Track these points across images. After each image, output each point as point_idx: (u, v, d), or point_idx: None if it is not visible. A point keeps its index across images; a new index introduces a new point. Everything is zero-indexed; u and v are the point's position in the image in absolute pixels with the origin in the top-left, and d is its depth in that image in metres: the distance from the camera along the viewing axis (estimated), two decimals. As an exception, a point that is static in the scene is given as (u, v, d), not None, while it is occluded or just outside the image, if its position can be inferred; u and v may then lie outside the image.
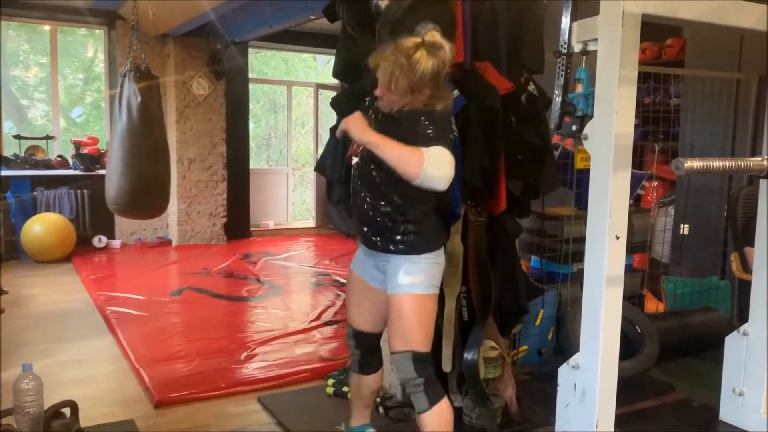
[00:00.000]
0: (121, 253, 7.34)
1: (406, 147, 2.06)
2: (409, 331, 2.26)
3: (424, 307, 2.29)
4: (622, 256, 2.49)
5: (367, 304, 2.50)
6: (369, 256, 2.44)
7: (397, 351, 2.28)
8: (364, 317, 2.53)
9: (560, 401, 2.70)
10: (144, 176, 3.79)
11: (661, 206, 5.20)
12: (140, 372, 3.73)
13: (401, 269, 2.26)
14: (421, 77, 2.14)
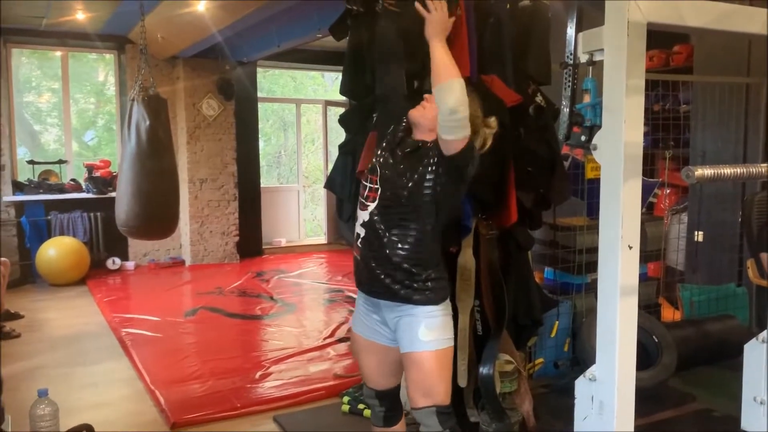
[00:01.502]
0: (134, 275, 7.38)
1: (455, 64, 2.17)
2: (432, 386, 2.21)
3: (445, 360, 2.24)
4: (636, 265, 2.46)
5: (379, 363, 2.39)
6: (373, 312, 2.33)
7: (420, 407, 2.22)
8: (381, 377, 2.41)
9: (578, 414, 2.66)
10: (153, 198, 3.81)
11: (675, 213, 5.15)
12: (155, 394, 3.74)
13: (421, 324, 2.18)
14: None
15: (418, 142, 2.30)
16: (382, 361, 2.37)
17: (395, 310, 2.23)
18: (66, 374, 4.13)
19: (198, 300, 6.13)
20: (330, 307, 5.97)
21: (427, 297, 2.20)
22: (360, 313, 2.40)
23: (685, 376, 3.79)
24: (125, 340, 4.77)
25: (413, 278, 2.18)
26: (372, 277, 2.23)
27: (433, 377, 2.20)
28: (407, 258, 2.18)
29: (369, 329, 2.35)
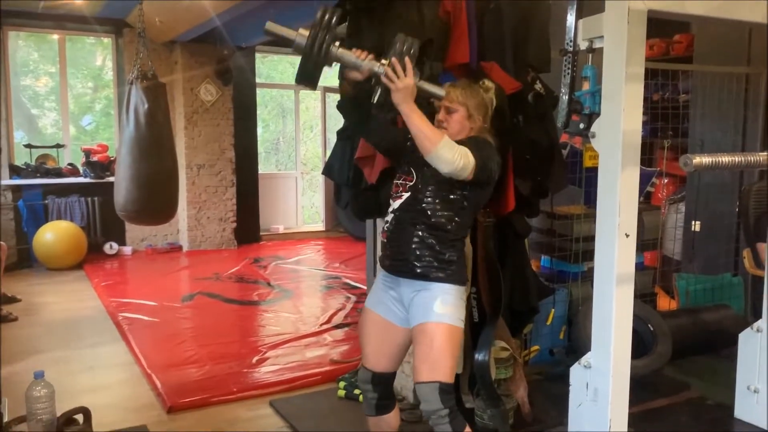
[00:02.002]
0: (132, 260, 7.38)
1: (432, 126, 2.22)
2: (438, 360, 2.23)
3: (454, 338, 2.28)
4: (632, 254, 2.48)
5: (385, 343, 2.42)
6: (391, 288, 2.39)
7: (423, 381, 2.24)
8: (382, 357, 2.43)
9: (573, 401, 2.68)
10: (152, 183, 3.80)
11: (672, 203, 5.16)
12: (152, 378, 3.75)
13: (438, 299, 2.25)
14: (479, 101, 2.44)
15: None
16: (386, 341, 2.40)
17: (414, 285, 2.30)
18: (63, 358, 4.14)
19: (195, 285, 6.14)
20: (327, 294, 5.99)
21: (447, 275, 2.29)
22: (378, 289, 2.45)
23: (680, 364, 3.81)
24: (122, 325, 4.78)
25: (436, 257, 2.28)
26: (396, 255, 2.33)
27: (442, 351, 2.23)
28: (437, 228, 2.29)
29: (383, 306, 2.40)
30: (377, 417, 2.48)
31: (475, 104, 2.42)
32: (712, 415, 3.26)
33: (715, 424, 3.16)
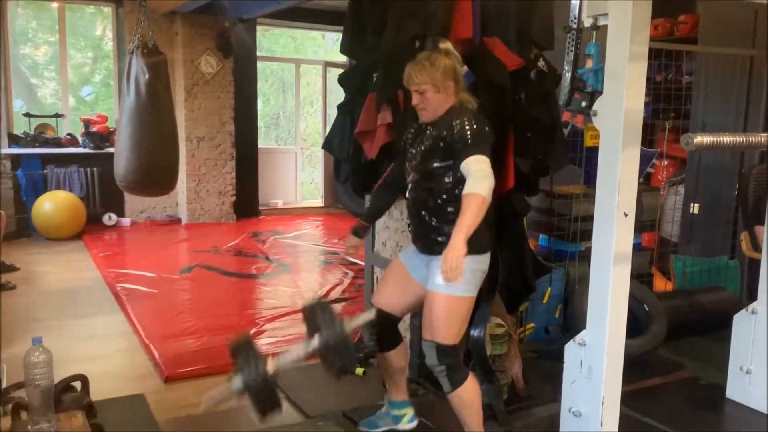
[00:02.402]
0: (130, 231, 7.39)
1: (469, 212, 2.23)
2: (435, 326, 2.44)
3: (456, 307, 2.43)
4: (631, 233, 2.48)
5: (401, 289, 2.63)
6: (418, 253, 2.61)
7: (424, 339, 2.48)
8: (392, 299, 2.64)
9: (567, 378, 2.70)
10: (153, 153, 3.79)
11: (671, 185, 5.16)
12: (150, 348, 3.77)
13: (440, 270, 2.31)
14: (444, 70, 2.44)
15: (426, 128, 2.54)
16: (402, 288, 2.62)
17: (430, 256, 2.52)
18: (61, 326, 4.17)
19: (194, 258, 6.15)
20: (325, 269, 6.00)
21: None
22: (409, 249, 2.67)
23: (674, 345, 3.84)
24: (120, 295, 4.80)
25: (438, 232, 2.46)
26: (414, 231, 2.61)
27: (439, 318, 2.43)
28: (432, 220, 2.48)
29: (411, 261, 2.62)
30: (381, 354, 2.73)
31: (440, 75, 2.44)
32: (704, 395, 3.30)
33: (707, 404, 3.19)
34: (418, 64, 2.45)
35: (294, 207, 9.19)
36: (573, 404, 2.67)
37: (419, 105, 2.48)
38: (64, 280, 5.35)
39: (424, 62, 2.45)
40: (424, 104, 2.47)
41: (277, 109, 11.57)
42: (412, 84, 2.45)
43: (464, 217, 2.22)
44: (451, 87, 2.46)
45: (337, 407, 3.07)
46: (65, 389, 2.69)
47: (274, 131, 11.42)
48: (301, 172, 9.77)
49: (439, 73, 2.43)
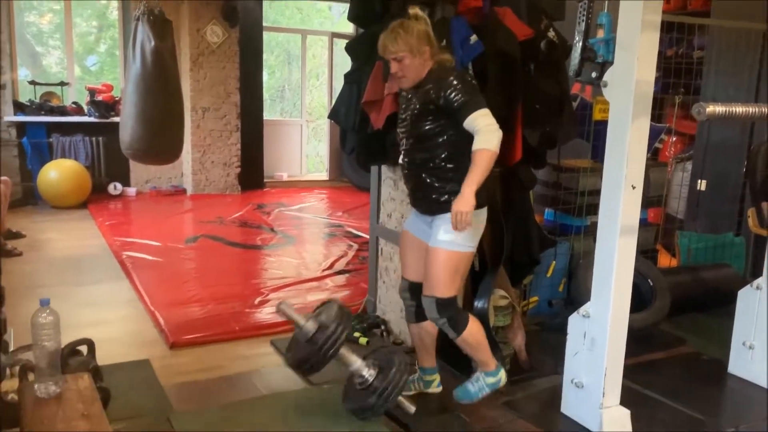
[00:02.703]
0: (136, 201, 7.40)
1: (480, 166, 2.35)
2: (435, 280, 2.52)
3: (454, 262, 2.52)
4: (638, 206, 2.47)
5: (418, 257, 2.67)
6: (420, 216, 2.68)
7: (425, 295, 2.58)
8: (417, 269, 2.68)
9: (569, 349, 2.71)
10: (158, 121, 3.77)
11: (679, 161, 5.13)
12: (155, 315, 3.80)
13: (441, 227, 2.50)
14: (418, 35, 2.48)
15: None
16: (420, 255, 2.66)
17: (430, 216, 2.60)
18: (67, 293, 4.19)
19: (199, 228, 6.17)
20: (330, 241, 6.01)
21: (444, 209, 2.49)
22: (413, 215, 2.75)
23: (677, 320, 3.85)
24: (126, 263, 4.82)
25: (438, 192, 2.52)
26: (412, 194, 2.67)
27: (439, 274, 2.51)
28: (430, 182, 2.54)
29: (418, 228, 2.70)
30: (417, 324, 2.77)
31: (415, 41, 2.47)
32: (705, 370, 3.31)
33: (708, 378, 3.21)
34: (392, 33, 2.49)
35: (299, 180, 9.18)
36: (575, 375, 2.68)
37: (399, 73, 2.52)
38: (69, 248, 5.37)
39: (398, 30, 2.48)
40: (404, 71, 2.51)
41: (282, 82, 11.49)
42: (389, 53, 2.50)
43: (475, 171, 2.35)
44: (426, 51, 2.50)
45: (341, 375, 3.08)
46: (72, 353, 2.73)
47: (279, 104, 11.36)
48: (306, 145, 9.74)
49: (413, 38, 2.47)
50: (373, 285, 3.85)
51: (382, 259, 3.76)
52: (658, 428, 2.56)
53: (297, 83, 10.21)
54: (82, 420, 1.85)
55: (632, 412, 2.56)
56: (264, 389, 3.00)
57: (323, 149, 9.87)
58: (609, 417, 2.53)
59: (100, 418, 1.87)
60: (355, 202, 7.70)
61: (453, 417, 2.74)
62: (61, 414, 1.88)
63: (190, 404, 2.80)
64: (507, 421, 2.73)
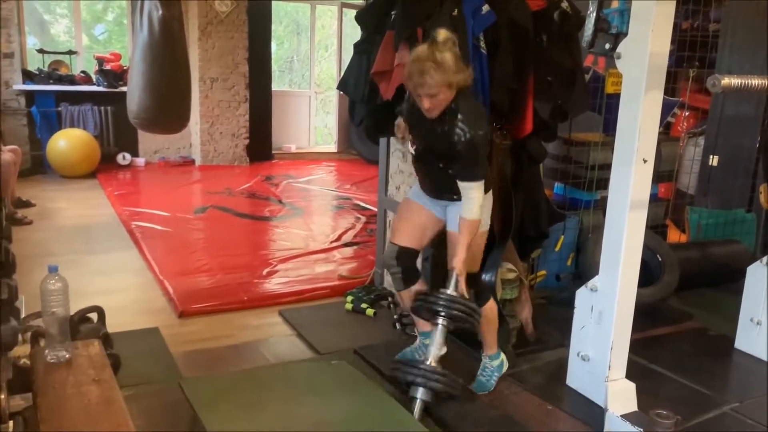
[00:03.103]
0: (144, 171, 7.41)
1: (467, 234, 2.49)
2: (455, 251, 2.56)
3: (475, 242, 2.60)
4: (649, 179, 2.45)
5: (417, 224, 2.72)
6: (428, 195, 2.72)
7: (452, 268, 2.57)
8: (411, 234, 2.72)
9: (576, 323, 2.72)
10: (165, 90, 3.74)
11: (691, 136, 5.07)
12: (164, 284, 3.82)
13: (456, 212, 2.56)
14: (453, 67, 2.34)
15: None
16: (419, 223, 2.72)
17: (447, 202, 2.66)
18: (76, 261, 4.23)
19: (207, 199, 6.18)
20: (337, 214, 6.02)
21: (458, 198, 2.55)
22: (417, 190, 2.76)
23: (685, 296, 3.84)
24: (135, 233, 4.85)
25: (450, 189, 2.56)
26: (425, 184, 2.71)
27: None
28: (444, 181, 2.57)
29: (423, 198, 2.72)
30: (408, 290, 2.76)
31: (452, 75, 2.34)
32: (712, 345, 3.31)
33: (715, 353, 3.21)
34: (427, 70, 2.29)
35: (307, 152, 9.15)
36: (581, 348, 2.69)
37: (431, 108, 2.38)
38: (79, 217, 5.40)
39: (431, 65, 2.30)
40: (435, 106, 2.38)
41: (291, 53, 11.41)
42: (426, 91, 2.33)
43: (466, 238, 2.48)
44: (459, 79, 2.36)
45: (349, 345, 3.11)
46: (82, 320, 2.75)
47: (288, 75, 11.30)
48: (315, 117, 9.70)
49: (450, 73, 2.32)
50: (381, 257, 3.85)
51: (390, 232, 3.76)
52: (663, 402, 2.56)
53: (306, 54, 10.14)
54: (93, 385, 1.88)
55: (637, 385, 2.57)
56: (272, 358, 3.03)
57: (332, 121, 9.83)
58: (614, 390, 2.54)
59: (110, 383, 1.90)
60: (363, 174, 7.68)
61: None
62: (72, 379, 1.91)
63: (199, 372, 2.83)
64: (512, 392, 2.75)
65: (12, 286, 2.48)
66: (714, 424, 2.58)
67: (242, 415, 2.20)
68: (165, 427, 2.36)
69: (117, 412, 1.74)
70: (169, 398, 2.49)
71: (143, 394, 2.59)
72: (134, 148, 7.58)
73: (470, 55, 2.93)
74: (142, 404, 2.50)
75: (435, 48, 2.34)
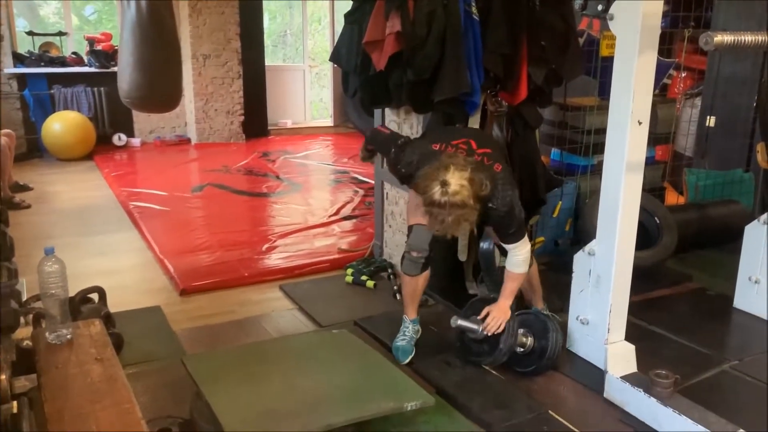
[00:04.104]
0: (141, 151, 7.38)
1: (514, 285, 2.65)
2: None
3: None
4: (644, 142, 2.44)
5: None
6: None
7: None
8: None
9: (575, 287, 2.73)
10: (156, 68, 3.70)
11: (688, 98, 5.04)
12: (164, 262, 3.83)
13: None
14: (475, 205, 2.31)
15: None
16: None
17: None
18: (76, 243, 4.23)
19: (205, 177, 6.17)
20: (336, 188, 6.01)
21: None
22: None
23: (684, 257, 3.86)
24: (134, 213, 4.85)
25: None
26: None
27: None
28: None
29: None
30: (416, 278, 2.73)
31: (477, 211, 2.32)
32: (711, 305, 3.33)
33: (714, 313, 3.23)
34: (453, 223, 2.28)
35: (303, 126, 9.11)
36: (580, 312, 2.71)
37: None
38: (77, 199, 5.40)
39: (457, 217, 2.27)
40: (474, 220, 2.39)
41: (284, 26, 11.27)
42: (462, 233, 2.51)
43: (513, 289, 2.63)
44: (480, 196, 2.32)
45: (349, 317, 3.13)
46: (83, 300, 2.77)
47: (282, 49, 11.17)
48: (310, 91, 9.62)
49: (476, 212, 2.31)
50: (380, 229, 3.86)
51: (388, 204, 3.76)
52: (662, 362, 2.59)
53: (299, 27, 10.02)
54: (96, 364, 1.90)
55: (637, 347, 2.59)
56: (274, 332, 3.05)
57: (327, 95, 9.76)
58: (613, 352, 2.56)
59: (112, 361, 1.92)
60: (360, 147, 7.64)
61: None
62: (74, 359, 1.93)
63: (201, 348, 2.85)
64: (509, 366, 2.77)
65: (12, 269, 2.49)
66: (713, 382, 2.61)
67: (245, 388, 2.23)
68: (169, 403, 2.39)
69: (120, 389, 1.75)
70: (173, 375, 2.52)
71: (147, 371, 2.61)
72: (130, 129, 7.55)
73: (462, 22, 2.90)
74: (146, 381, 2.52)
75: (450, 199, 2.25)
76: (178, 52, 3.88)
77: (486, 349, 2.64)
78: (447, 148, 2.50)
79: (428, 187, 2.28)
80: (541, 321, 2.70)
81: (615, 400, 2.44)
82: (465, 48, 2.92)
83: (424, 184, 2.31)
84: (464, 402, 2.43)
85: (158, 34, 3.69)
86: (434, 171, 2.30)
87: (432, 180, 2.27)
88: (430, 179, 2.28)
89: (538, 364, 2.64)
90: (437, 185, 2.25)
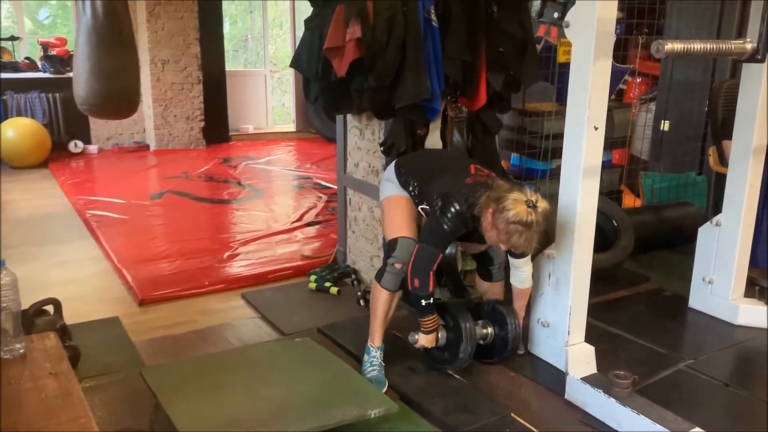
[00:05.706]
0: (98, 158, 7.23)
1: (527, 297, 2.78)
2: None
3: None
4: (600, 146, 2.49)
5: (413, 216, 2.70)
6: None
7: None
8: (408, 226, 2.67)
9: (535, 290, 2.77)
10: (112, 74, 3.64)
11: (643, 102, 5.16)
12: (123, 272, 3.76)
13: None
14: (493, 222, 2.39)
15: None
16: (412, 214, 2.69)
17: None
18: (33, 253, 4.12)
19: (164, 184, 6.07)
20: (299, 194, 5.98)
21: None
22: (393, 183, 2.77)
23: (641, 259, 3.94)
24: (91, 222, 4.74)
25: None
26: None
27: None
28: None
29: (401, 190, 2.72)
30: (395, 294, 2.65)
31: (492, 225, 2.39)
32: (667, 305, 3.41)
33: (670, 313, 3.31)
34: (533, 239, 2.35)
35: (265, 132, 9.04)
36: (541, 315, 2.75)
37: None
38: (32, 208, 5.26)
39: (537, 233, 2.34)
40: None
41: (244, 31, 11.18)
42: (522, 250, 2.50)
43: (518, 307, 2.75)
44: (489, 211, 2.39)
45: (313, 324, 3.12)
46: (38, 313, 2.69)
47: (243, 54, 11.08)
48: (272, 96, 9.56)
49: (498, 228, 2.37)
50: (343, 235, 3.85)
51: (351, 209, 3.75)
52: (621, 363, 2.64)
53: (260, 32, 9.96)
54: (50, 378, 1.84)
55: (597, 348, 2.64)
56: (236, 341, 3.02)
57: (289, 100, 9.71)
58: (574, 354, 2.60)
59: (68, 375, 1.86)
60: (323, 153, 7.63)
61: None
62: (28, 373, 1.87)
63: (162, 359, 2.80)
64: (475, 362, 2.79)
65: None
66: (670, 381, 2.66)
67: (206, 399, 2.19)
68: (128, 417, 2.34)
69: (75, 403, 1.71)
70: (132, 387, 2.46)
71: (105, 384, 2.55)
72: (86, 135, 7.39)
73: (421, 28, 2.92)
74: (104, 395, 2.47)
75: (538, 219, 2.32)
76: (136, 57, 3.82)
77: (447, 357, 2.64)
78: (477, 178, 2.55)
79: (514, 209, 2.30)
80: (497, 311, 2.71)
81: (576, 401, 2.48)
82: (425, 54, 2.94)
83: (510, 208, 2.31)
84: (428, 407, 2.43)
85: (115, 39, 3.62)
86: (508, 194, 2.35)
87: (517, 202, 2.31)
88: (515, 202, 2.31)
89: (502, 354, 2.68)
90: (522, 206, 2.30)
